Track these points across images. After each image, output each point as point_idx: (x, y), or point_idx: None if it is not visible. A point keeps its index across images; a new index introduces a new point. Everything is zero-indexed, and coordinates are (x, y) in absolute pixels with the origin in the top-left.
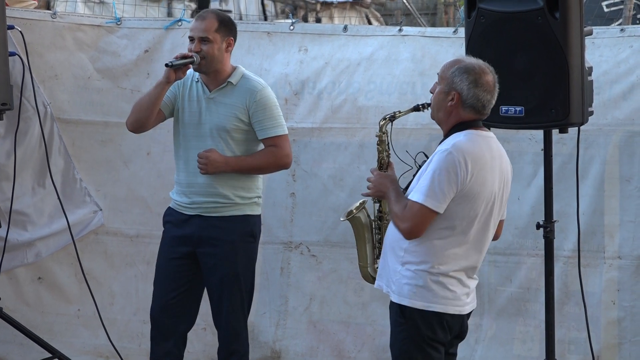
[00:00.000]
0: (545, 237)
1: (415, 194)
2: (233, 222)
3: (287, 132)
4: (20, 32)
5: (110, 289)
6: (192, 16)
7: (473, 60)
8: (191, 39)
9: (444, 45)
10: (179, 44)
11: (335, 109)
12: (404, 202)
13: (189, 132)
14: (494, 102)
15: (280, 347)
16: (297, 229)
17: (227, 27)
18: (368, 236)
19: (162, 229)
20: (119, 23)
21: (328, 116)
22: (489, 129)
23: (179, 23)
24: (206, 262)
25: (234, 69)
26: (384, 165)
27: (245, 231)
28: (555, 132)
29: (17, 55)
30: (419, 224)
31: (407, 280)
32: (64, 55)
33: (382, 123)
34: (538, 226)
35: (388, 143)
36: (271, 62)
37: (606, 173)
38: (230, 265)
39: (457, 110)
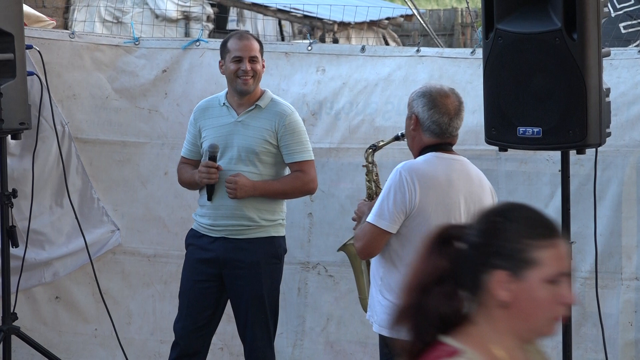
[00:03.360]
0: None
1: (369, 215)
2: (258, 244)
3: (313, 157)
4: (39, 51)
5: (127, 308)
6: (209, 36)
7: (436, 85)
8: (239, 59)
9: (462, 66)
10: (197, 64)
11: (353, 129)
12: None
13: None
14: (456, 125)
15: None
16: (314, 249)
17: (262, 48)
18: (364, 268)
19: (180, 248)
20: (137, 43)
21: (345, 136)
22: (506, 150)
23: (197, 43)
24: (232, 284)
25: (263, 92)
26: (372, 195)
27: (270, 253)
28: (572, 153)
29: (35, 75)
30: (371, 243)
31: (385, 309)
32: (81, 75)
33: (367, 154)
34: None
35: (376, 173)
36: (289, 82)
37: (624, 194)
38: (256, 287)
39: (418, 134)
